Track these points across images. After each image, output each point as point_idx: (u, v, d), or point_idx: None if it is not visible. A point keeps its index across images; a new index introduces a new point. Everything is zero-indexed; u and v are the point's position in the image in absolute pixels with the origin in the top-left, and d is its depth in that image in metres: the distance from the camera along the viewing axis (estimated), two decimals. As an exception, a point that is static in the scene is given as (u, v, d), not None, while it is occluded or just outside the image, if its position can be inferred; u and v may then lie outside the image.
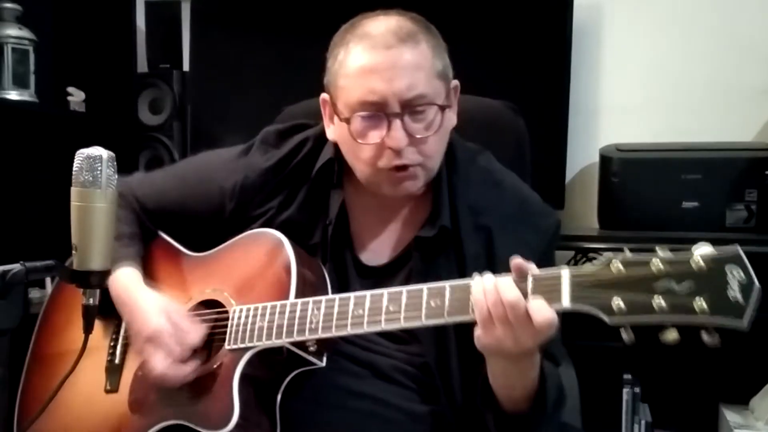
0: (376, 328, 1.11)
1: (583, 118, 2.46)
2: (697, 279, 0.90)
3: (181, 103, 2.63)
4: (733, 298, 0.88)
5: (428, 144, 1.21)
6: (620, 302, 0.94)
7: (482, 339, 1.03)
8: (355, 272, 1.30)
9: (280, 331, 1.16)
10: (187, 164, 1.51)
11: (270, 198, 1.33)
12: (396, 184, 1.23)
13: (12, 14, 2.31)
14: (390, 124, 1.17)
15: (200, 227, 1.37)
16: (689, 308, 0.90)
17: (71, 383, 1.27)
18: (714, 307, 0.89)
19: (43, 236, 2.02)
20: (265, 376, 1.20)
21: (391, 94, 1.16)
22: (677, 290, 0.91)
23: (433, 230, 1.24)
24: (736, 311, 0.88)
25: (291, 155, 1.34)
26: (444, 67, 1.23)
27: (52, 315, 1.44)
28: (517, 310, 0.99)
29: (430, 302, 1.07)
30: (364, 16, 1.24)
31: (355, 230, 1.32)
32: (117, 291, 1.27)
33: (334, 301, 1.15)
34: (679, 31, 2.44)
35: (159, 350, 1.20)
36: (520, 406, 1.14)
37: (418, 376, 1.26)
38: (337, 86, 1.22)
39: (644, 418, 2.16)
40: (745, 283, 0.88)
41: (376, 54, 1.17)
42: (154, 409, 1.24)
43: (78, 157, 1.00)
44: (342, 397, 1.22)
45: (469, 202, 1.27)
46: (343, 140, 1.25)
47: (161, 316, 1.22)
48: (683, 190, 2.12)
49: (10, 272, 0.96)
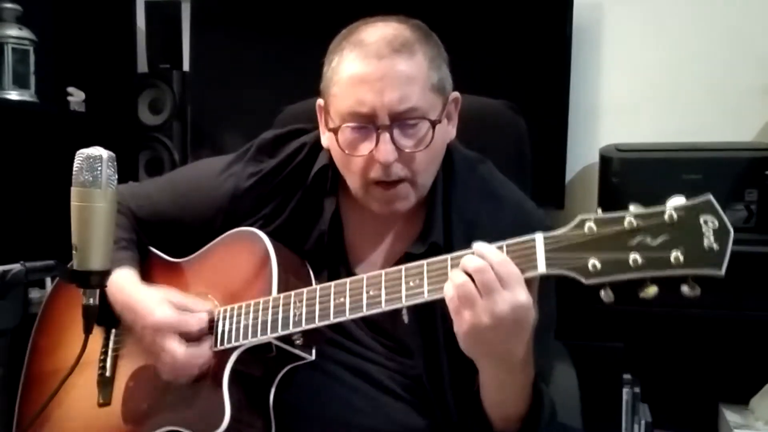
0: (358, 314, 1.09)
1: (583, 117, 2.46)
2: (671, 231, 0.89)
3: (181, 103, 2.63)
4: (708, 247, 0.87)
5: (418, 160, 1.17)
6: (596, 262, 0.92)
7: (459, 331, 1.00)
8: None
9: (264, 327, 1.16)
10: (179, 174, 1.49)
11: (262, 206, 1.31)
12: (385, 204, 1.20)
13: (12, 14, 2.32)
14: (378, 137, 1.14)
15: (192, 237, 1.35)
16: (666, 261, 0.89)
17: (63, 400, 1.29)
18: (690, 258, 0.88)
19: (43, 236, 2.02)
20: (256, 374, 1.20)
21: (380, 106, 1.13)
22: (652, 244, 0.90)
23: (423, 246, 1.21)
24: (713, 260, 0.87)
25: (286, 162, 1.32)
26: (440, 80, 1.19)
27: (44, 332, 1.43)
28: (485, 274, 0.96)
29: (409, 282, 1.05)
30: (363, 22, 1.21)
31: (349, 239, 1.31)
32: (114, 294, 1.25)
33: (315, 291, 1.14)
34: (679, 30, 2.43)
35: (172, 338, 1.18)
36: (512, 425, 1.11)
37: (412, 386, 1.24)
38: (329, 94, 1.20)
39: (644, 418, 2.16)
40: (720, 230, 0.88)
41: (367, 63, 1.13)
42: (148, 417, 1.24)
43: (78, 157, 1.00)
44: (338, 411, 1.21)
45: (464, 216, 1.24)
46: (333, 149, 1.22)
47: (163, 306, 1.20)
48: (683, 189, 2.06)
49: (10, 272, 0.96)
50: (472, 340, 1.00)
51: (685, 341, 2.30)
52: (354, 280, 1.11)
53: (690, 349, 2.28)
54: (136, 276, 1.30)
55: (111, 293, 1.25)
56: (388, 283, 1.07)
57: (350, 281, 1.11)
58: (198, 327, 1.19)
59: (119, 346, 1.34)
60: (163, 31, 2.69)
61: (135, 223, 1.39)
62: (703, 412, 2.28)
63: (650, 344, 2.29)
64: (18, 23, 2.32)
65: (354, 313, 1.10)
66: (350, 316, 1.10)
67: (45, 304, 1.46)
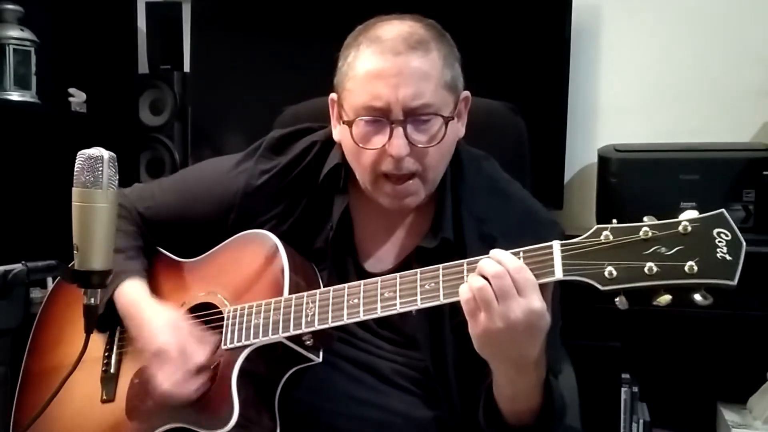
0: (372, 315, 1.10)
1: (582, 118, 2.47)
2: (685, 242, 0.92)
3: (182, 104, 2.63)
4: (721, 258, 0.90)
5: (429, 155, 1.19)
6: (612, 269, 0.95)
7: (474, 332, 1.01)
8: (356, 278, 1.28)
9: (276, 326, 1.16)
10: (186, 174, 1.49)
11: (274, 205, 1.32)
12: (395, 198, 1.22)
13: (13, 16, 2.32)
14: (392, 132, 1.16)
15: (202, 238, 1.35)
16: (680, 271, 0.92)
17: (66, 396, 1.28)
18: (704, 268, 0.91)
19: (44, 236, 2.03)
20: (263, 374, 1.21)
21: (395, 101, 1.15)
22: (667, 254, 0.93)
23: (434, 241, 1.23)
24: (726, 270, 0.90)
25: (296, 161, 1.33)
26: (453, 78, 1.21)
27: (43, 330, 1.43)
28: (502, 280, 0.98)
29: (425, 285, 1.07)
30: (379, 19, 1.22)
31: (359, 236, 1.32)
32: (124, 305, 1.27)
33: (328, 293, 1.15)
34: (677, 31, 2.44)
35: (165, 367, 1.18)
36: (525, 418, 1.12)
37: (419, 379, 1.25)
38: (344, 88, 1.22)
39: (643, 417, 2.16)
40: (732, 242, 0.91)
41: (384, 59, 1.16)
42: (153, 414, 1.24)
43: (79, 157, 1.01)
44: (344, 404, 1.22)
45: (474, 212, 1.25)
46: (346, 142, 1.24)
47: (168, 332, 1.21)
48: (681, 190, 2.12)
49: (12, 272, 0.96)
50: (485, 343, 1.02)
51: (683, 341, 2.30)
52: (368, 282, 1.12)
53: (688, 349, 2.29)
54: (144, 288, 1.31)
55: (121, 305, 1.27)
56: (403, 285, 1.09)
57: (364, 283, 1.12)
58: (185, 370, 1.18)
59: (124, 343, 1.34)
60: (164, 32, 2.70)
61: (142, 225, 1.39)
62: (702, 411, 2.28)
63: (649, 344, 2.29)
64: (19, 24, 2.32)
65: (368, 314, 1.11)
66: (364, 317, 1.11)
67: (46, 301, 1.47)
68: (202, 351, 1.20)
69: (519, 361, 1.04)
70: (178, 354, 1.19)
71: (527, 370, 1.06)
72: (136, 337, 1.26)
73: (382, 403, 1.22)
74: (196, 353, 1.20)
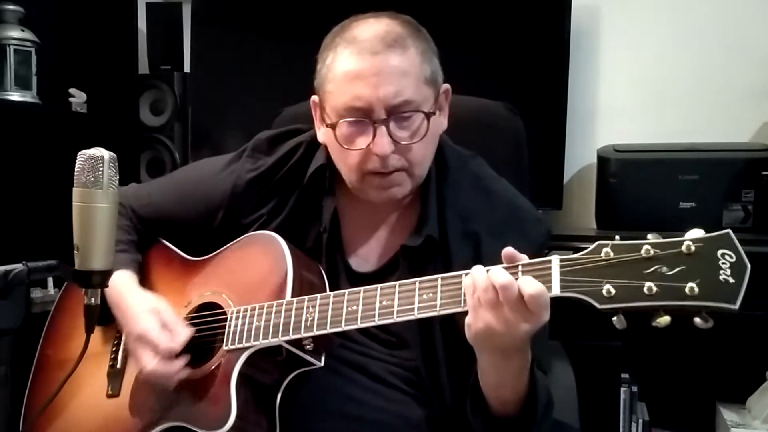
0: (369, 323, 1.11)
1: (581, 119, 2.47)
2: (688, 263, 0.89)
3: (182, 104, 2.64)
4: (724, 280, 0.87)
5: (414, 151, 1.20)
6: (610, 287, 0.92)
7: (472, 326, 1.01)
8: (345, 277, 1.30)
9: (276, 329, 1.17)
10: (180, 174, 1.53)
11: (261, 205, 1.34)
12: (381, 190, 1.23)
13: (14, 16, 2.33)
14: (375, 131, 1.17)
15: (193, 236, 1.38)
16: (680, 292, 0.89)
17: (73, 389, 1.31)
18: (705, 290, 0.88)
19: (45, 236, 2.03)
20: (265, 377, 1.21)
21: (376, 100, 1.15)
22: (668, 274, 0.90)
23: (419, 239, 1.24)
24: (727, 293, 0.87)
25: (282, 161, 1.34)
26: (432, 73, 1.21)
27: (57, 322, 1.46)
28: (509, 291, 0.97)
29: (423, 295, 1.07)
30: (354, 19, 1.23)
31: (346, 236, 1.32)
32: (111, 295, 1.29)
33: (328, 298, 1.16)
34: (675, 32, 2.44)
35: (147, 348, 1.21)
36: (510, 408, 1.13)
37: (411, 379, 1.26)
38: (325, 90, 1.22)
39: (642, 416, 2.17)
40: (737, 264, 0.87)
41: (362, 60, 1.16)
42: (154, 411, 1.25)
43: (80, 157, 1.01)
44: (337, 404, 1.22)
45: (458, 209, 1.26)
46: (330, 144, 1.25)
47: (150, 316, 1.23)
48: (680, 190, 2.13)
49: (13, 272, 0.97)
50: (480, 334, 1.02)
51: (682, 340, 2.30)
52: (368, 289, 1.13)
53: (687, 349, 2.29)
54: (132, 278, 1.33)
55: (108, 295, 1.29)
56: (402, 294, 1.09)
57: (364, 290, 1.13)
58: (172, 346, 1.21)
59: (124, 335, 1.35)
60: (164, 33, 2.70)
61: (137, 222, 1.42)
62: (701, 410, 2.28)
63: (648, 343, 2.29)
64: (20, 25, 2.33)
65: (366, 321, 1.11)
66: (362, 324, 1.12)
67: (64, 289, 1.49)
68: (182, 331, 1.23)
69: (504, 347, 1.04)
70: (159, 335, 1.21)
71: (510, 354, 1.06)
72: (123, 324, 1.28)
73: (376, 404, 1.23)
74: (176, 333, 1.22)
